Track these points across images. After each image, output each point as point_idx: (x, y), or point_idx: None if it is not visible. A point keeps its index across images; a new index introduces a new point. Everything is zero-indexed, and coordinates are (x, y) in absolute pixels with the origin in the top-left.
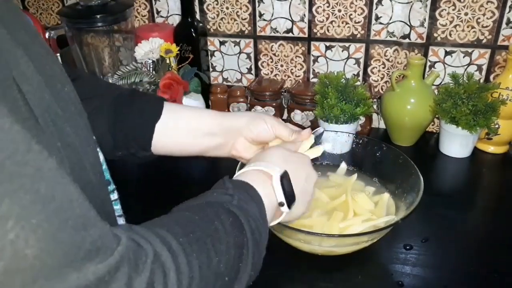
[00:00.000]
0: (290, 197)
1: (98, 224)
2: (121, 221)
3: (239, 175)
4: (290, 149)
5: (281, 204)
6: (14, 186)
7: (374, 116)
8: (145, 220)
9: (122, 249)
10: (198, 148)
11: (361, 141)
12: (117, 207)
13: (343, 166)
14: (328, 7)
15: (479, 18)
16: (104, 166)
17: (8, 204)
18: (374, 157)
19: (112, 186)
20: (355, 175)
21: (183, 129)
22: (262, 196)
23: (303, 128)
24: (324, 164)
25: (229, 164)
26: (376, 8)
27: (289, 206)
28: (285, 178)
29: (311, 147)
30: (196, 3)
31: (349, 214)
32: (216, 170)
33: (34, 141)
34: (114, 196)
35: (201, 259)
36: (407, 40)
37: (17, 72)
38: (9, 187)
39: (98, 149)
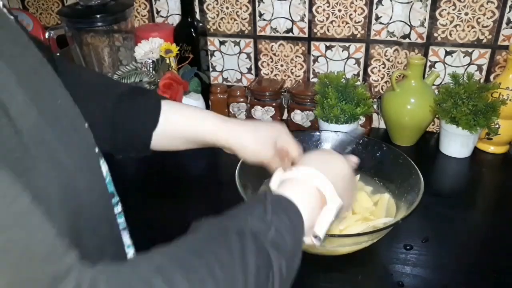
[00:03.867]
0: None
1: (62, 266)
2: (125, 234)
3: (288, 180)
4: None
5: (316, 237)
6: None
7: (374, 116)
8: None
9: None
10: (193, 148)
11: (361, 141)
12: (121, 220)
13: None
14: (328, 7)
15: (479, 18)
16: (108, 179)
17: None
18: (374, 157)
19: (116, 199)
20: (358, 176)
21: (179, 138)
22: (306, 217)
23: (304, 128)
24: None
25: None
26: (376, 8)
27: (320, 243)
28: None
29: None
30: (196, 3)
31: (348, 213)
32: (223, 173)
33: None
34: (118, 209)
35: None
36: (407, 40)
37: None
38: None
39: (102, 161)
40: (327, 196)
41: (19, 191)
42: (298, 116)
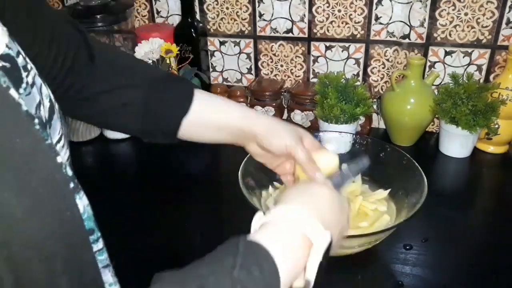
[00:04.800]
0: (323, 274)
1: None
2: (106, 271)
3: (269, 224)
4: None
5: (307, 283)
6: None
7: (374, 116)
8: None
9: None
10: (219, 142)
11: (364, 142)
12: (102, 257)
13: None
14: (328, 7)
15: (479, 18)
16: (86, 215)
17: None
18: (377, 158)
19: (96, 235)
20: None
21: (207, 127)
22: (285, 268)
23: (303, 128)
24: None
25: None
26: (376, 8)
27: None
28: (327, 251)
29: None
30: (196, 3)
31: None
32: (223, 174)
33: None
34: (99, 245)
35: None
36: (407, 40)
37: None
38: None
39: (79, 195)
40: (312, 238)
41: None
42: (298, 116)
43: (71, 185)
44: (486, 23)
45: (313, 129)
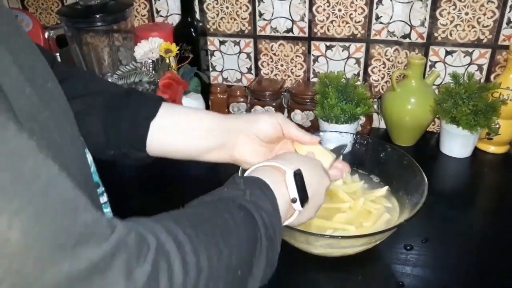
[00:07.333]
0: (303, 195)
1: (89, 209)
2: None
3: (250, 171)
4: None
5: (293, 201)
6: None
7: (375, 116)
8: None
9: (118, 236)
10: (195, 149)
11: (365, 141)
12: (107, 210)
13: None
14: (328, 6)
15: (479, 17)
16: (93, 168)
17: None
18: (378, 158)
19: (101, 189)
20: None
21: (180, 128)
22: (275, 191)
23: (304, 128)
24: None
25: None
26: (377, 7)
27: (302, 205)
28: (298, 176)
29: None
30: (196, 2)
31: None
32: (213, 169)
33: (11, 122)
34: (104, 199)
35: (210, 251)
36: (407, 40)
37: None
38: None
39: (86, 150)
40: (280, 166)
41: (28, 136)
42: (298, 116)
43: (81, 138)
44: (486, 22)
45: (314, 129)
